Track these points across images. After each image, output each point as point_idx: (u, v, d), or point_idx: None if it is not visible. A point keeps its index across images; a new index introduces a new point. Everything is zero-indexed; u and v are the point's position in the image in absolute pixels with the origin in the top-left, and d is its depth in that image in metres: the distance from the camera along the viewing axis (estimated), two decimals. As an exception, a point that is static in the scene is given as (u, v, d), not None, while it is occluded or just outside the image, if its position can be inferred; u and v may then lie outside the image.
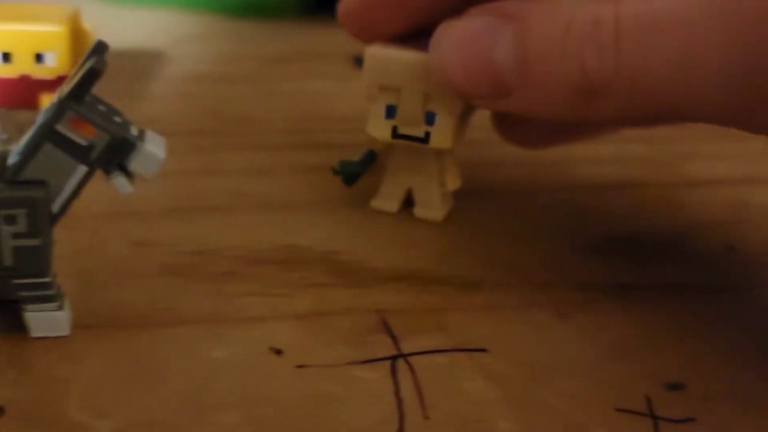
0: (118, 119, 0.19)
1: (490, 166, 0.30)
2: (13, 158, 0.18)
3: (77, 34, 0.27)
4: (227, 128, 0.33)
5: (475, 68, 0.21)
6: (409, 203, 0.26)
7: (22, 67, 0.28)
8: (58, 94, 0.18)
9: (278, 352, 0.19)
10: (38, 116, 0.18)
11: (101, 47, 0.18)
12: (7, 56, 0.28)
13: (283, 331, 0.20)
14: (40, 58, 0.27)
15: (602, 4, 0.18)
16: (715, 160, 0.32)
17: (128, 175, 0.19)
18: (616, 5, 0.18)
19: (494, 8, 0.20)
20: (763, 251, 0.25)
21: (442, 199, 0.26)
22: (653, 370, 0.19)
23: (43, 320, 0.19)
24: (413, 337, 0.20)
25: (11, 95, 0.28)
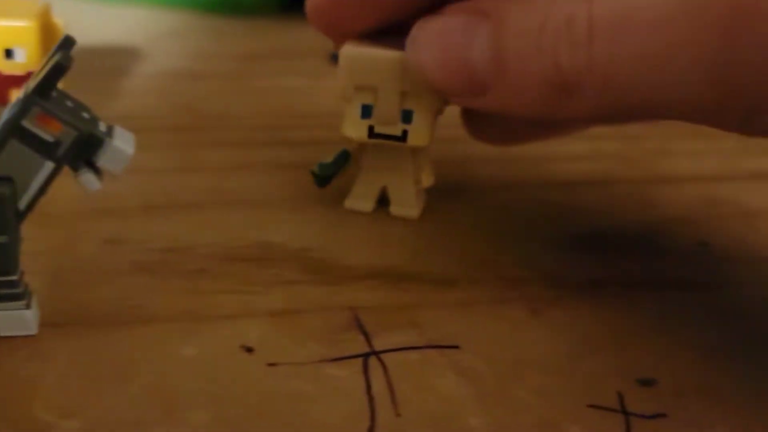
0: (86, 115, 0.18)
1: (462, 163, 0.30)
2: (-22, 155, 0.18)
3: (48, 29, 0.27)
4: (202, 125, 0.33)
5: (452, 66, 0.20)
6: (382, 201, 0.26)
7: (-9, 62, 0.27)
8: (24, 89, 0.18)
9: (249, 350, 0.19)
10: (4, 112, 0.18)
11: (68, 42, 0.18)
12: (-24, 52, 0.27)
13: (254, 328, 0.20)
14: (9, 53, 0.27)
15: (577, 2, 0.18)
16: (687, 156, 0.32)
17: (96, 171, 0.18)
18: (590, 3, 0.18)
19: (471, 6, 0.20)
20: (734, 247, 0.25)
21: (417, 196, 0.26)
22: (625, 365, 0.19)
23: (9, 319, 0.19)
24: (386, 334, 0.20)
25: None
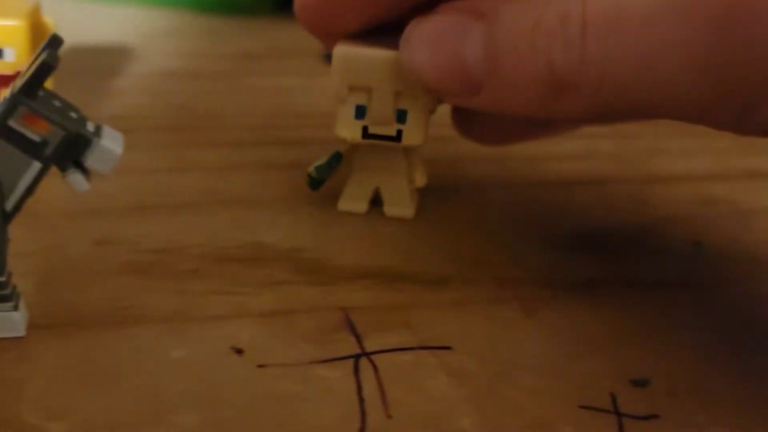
0: (73, 114, 0.18)
1: (455, 162, 0.30)
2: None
3: (38, 28, 0.27)
4: (195, 125, 0.33)
5: (445, 65, 0.20)
6: (374, 202, 0.26)
7: (-21, 62, 0.27)
8: (10, 89, 0.18)
9: (239, 351, 0.19)
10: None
11: (55, 41, 0.18)
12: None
13: (245, 330, 0.20)
14: (-2, 53, 0.27)
15: (570, 0, 0.18)
16: (681, 156, 0.32)
17: (84, 171, 0.18)
18: (583, 2, 0.18)
19: (464, 5, 0.20)
20: (728, 247, 0.25)
21: (411, 196, 0.26)
22: (618, 366, 0.19)
23: (-3, 320, 0.19)
24: (377, 335, 0.20)
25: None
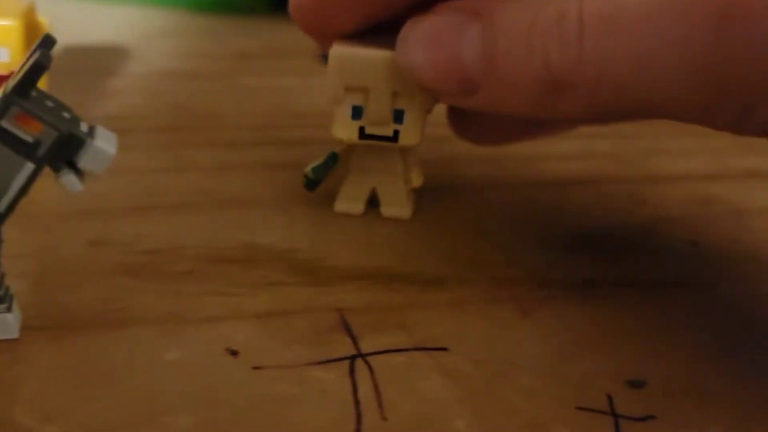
0: (66, 115, 0.18)
1: (451, 162, 0.30)
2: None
3: (32, 28, 0.27)
4: (191, 125, 0.32)
5: (442, 65, 0.20)
6: (371, 202, 0.26)
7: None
8: (3, 89, 0.17)
9: (234, 353, 0.19)
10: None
11: (48, 41, 0.18)
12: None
13: (240, 331, 0.20)
14: (-8, 53, 0.27)
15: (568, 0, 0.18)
16: (679, 156, 0.32)
17: (78, 172, 0.18)
18: (580, 1, 0.18)
19: (461, 5, 0.20)
20: (726, 246, 0.25)
21: (407, 196, 0.26)
22: (615, 367, 0.19)
23: (-10, 322, 0.18)
24: (373, 336, 0.20)
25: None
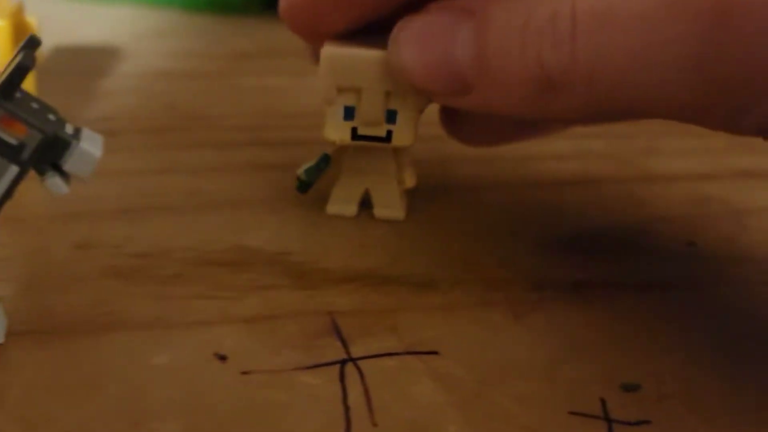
0: (52, 117, 0.18)
1: (444, 162, 0.30)
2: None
3: (20, 29, 0.26)
4: (183, 126, 0.32)
5: (435, 65, 0.20)
6: (364, 204, 0.25)
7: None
8: (-14, 91, 0.17)
9: (223, 357, 0.19)
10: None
11: (33, 42, 0.17)
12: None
13: (229, 335, 0.19)
14: (-20, 54, 0.26)
15: None
16: (675, 155, 0.32)
17: (63, 175, 0.18)
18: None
19: (453, 4, 0.20)
20: (722, 247, 0.25)
21: (401, 197, 0.25)
22: (609, 370, 0.19)
23: (-26, 328, 0.18)
24: (364, 339, 0.19)
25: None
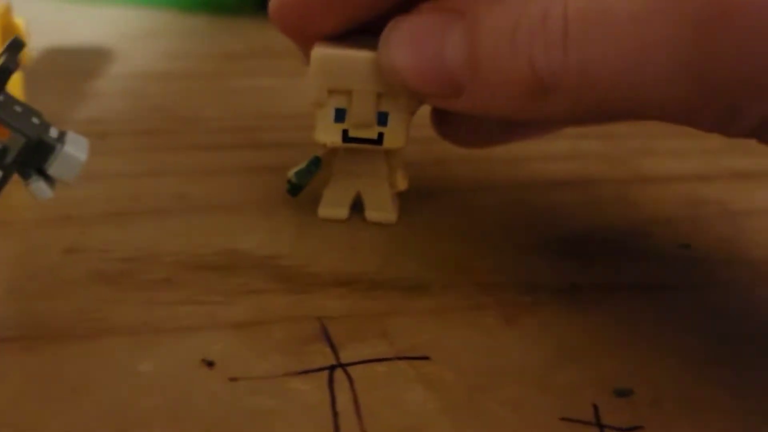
0: (36, 120, 0.18)
1: (436, 164, 0.29)
2: None
3: (8, 30, 0.26)
4: (172, 128, 0.32)
5: (425, 66, 0.20)
6: (356, 206, 0.25)
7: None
8: (-32, 94, 0.17)
9: (210, 364, 0.18)
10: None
11: (16, 44, 0.17)
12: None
13: (217, 341, 0.19)
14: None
15: None
16: (670, 156, 0.32)
17: (48, 179, 0.18)
18: (564, 0, 0.17)
19: (444, 5, 0.20)
20: (717, 249, 0.25)
21: (393, 200, 0.25)
22: (601, 375, 0.19)
23: (-42, 334, 0.18)
24: (354, 345, 0.19)
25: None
